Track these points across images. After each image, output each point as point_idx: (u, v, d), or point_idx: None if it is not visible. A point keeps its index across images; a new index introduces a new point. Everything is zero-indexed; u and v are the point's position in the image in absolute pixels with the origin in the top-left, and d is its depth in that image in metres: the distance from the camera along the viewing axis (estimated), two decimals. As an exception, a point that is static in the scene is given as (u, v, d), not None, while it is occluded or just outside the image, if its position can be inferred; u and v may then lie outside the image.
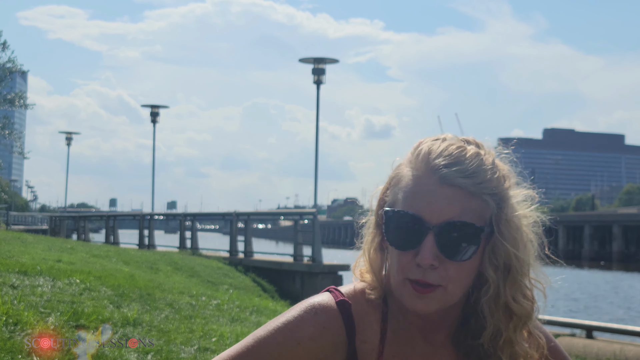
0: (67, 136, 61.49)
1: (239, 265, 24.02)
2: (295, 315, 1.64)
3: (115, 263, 16.30)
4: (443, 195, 1.55)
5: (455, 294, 1.58)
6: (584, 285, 40.15)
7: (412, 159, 1.63)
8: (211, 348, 6.81)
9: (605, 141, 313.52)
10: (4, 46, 42.62)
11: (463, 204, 1.55)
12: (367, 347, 1.65)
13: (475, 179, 1.57)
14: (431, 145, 1.62)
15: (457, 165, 1.57)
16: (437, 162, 1.57)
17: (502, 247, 1.59)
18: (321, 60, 31.95)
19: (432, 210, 1.55)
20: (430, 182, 1.56)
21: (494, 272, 1.60)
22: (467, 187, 1.55)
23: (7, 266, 9.71)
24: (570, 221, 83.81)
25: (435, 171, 1.56)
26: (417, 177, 1.59)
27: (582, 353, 12.84)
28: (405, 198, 1.59)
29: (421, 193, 1.57)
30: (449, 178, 1.55)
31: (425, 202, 1.56)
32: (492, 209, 1.58)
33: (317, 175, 31.09)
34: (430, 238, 1.54)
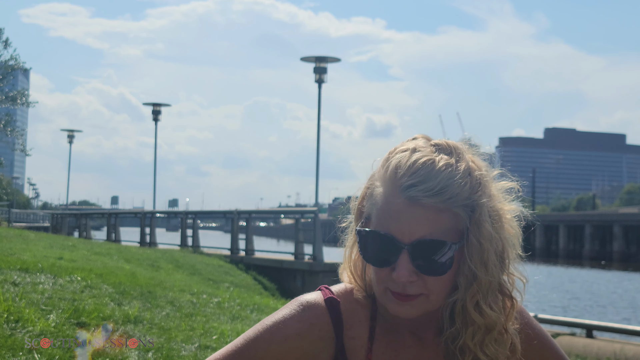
0: (69, 134, 61.48)
1: (240, 264, 24.02)
2: (283, 313, 1.68)
3: (117, 261, 16.32)
4: (411, 215, 1.55)
5: (437, 301, 1.60)
6: (585, 285, 40.14)
7: (382, 174, 1.62)
8: (212, 346, 6.81)
9: (606, 141, 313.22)
10: (5, 44, 42.66)
11: (432, 222, 1.55)
12: (356, 343, 1.67)
13: (444, 195, 1.55)
14: (400, 160, 1.60)
15: (424, 183, 1.55)
16: (402, 181, 1.56)
17: (470, 256, 1.58)
18: (323, 59, 31.92)
19: (403, 230, 1.56)
20: (398, 202, 1.56)
21: (463, 280, 1.60)
22: (435, 205, 1.55)
23: (8, 263, 9.73)
24: (571, 221, 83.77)
25: (402, 191, 1.56)
26: (386, 195, 1.59)
27: (582, 352, 12.84)
28: (377, 216, 1.61)
29: (390, 212, 1.57)
30: (415, 199, 1.54)
31: (396, 222, 1.56)
32: (464, 219, 1.58)
33: (318, 174, 31.09)
34: (404, 256, 1.55)
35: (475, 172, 1.61)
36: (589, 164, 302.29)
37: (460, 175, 1.57)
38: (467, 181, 1.58)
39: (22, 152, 46.63)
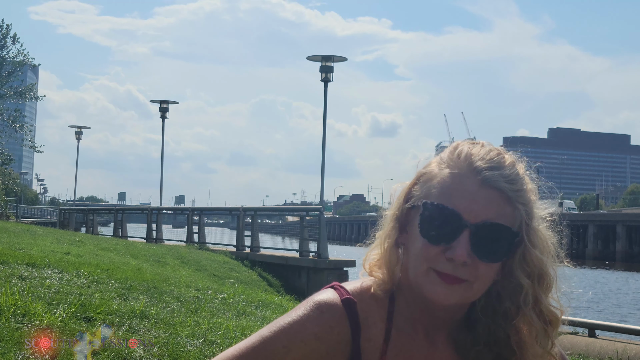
0: (77, 130, 61.43)
1: (245, 260, 24.04)
2: (300, 314, 1.63)
3: (123, 256, 16.37)
4: (483, 196, 1.58)
5: (478, 293, 1.61)
6: (587, 284, 40.06)
7: (452, 159, 1.64)
8: (217, 341, 6.84)
9: (610, 141, 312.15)
10: (14, 39, 42.71)
11: (501, 207, 1.58)
12: (371, 345, 1.65)
13: (514, 185, 1.60)
14: (472, 148, 1.65)
15: (499, 169, 1.60)
16: (480, 164, 1.60)
17: (535, 255, 1.62)
18: (329, 58, 31.83)
19: (472, 209, 1.57)
20: (471, 182, 1.59)
21: (529, 279, 1.63)
22: (506, 192, 1.59)
23: (16, 258, 9.78)
24: (575, 220, 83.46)
25: (478, 172, 1.59)
26: (458, 175, 1.61)
27: (585, 352, 12.83)
28: (443, 194, 1.60)
29: (461, 191, 1.59)
30: (491, 180, 1.58)
31: (465, 200, 1.58)
32: (522, 217, 1.61)
33: (323, 172, 31.06)
34: (465, 236, 1.56)
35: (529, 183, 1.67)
36: (592, 165, 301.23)
37: (522, 176, 1.65)
38: (528, 182, 1.65)
39: (31, 148, 46.69)
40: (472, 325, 1.70)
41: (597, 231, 79.25)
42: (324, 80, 31.68)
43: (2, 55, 42.18)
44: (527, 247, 1.62)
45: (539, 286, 1.65)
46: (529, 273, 1.63)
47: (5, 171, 44.10)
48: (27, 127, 44.62)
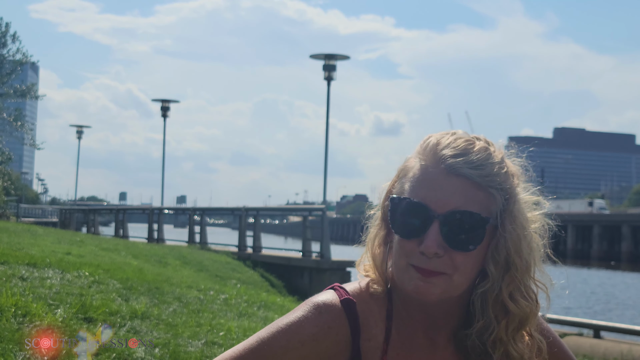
0: (78, 129, 61.57)
1: (248, 260, 24.04)
2: (299, 315, 1.63)
3: (124, 256, 16.34)
4: (449, 185, 1.55)
5: (460, 284, 1.57)
6: (592, 285, 40.05)
7: (420, 150, 1.63)
8: (218, 342, 6.82)
9: (615, 141, 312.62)
10: (13, 37, 42.77)
11: (469, 194, 1.55)
12: (371, 345, 1.64)
13: (482, 170, 1.56)
14: (440, 138, 1.62)
15: (464, 156, 1.56)
16: (444, 152, 1.57)
17: (505, 242, 1.58)
18: (332, 56, 31.84)
19: (438, 199, 1.55)
20: (436, 172, 1.57)
21: (494, 268, 1.59)
22: (473, 178, 1.55)
23: (16, 258, 9.75)
24: (580, 221, 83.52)
25: (442, 161, 1.57)
26: (425, 166, 1.59)
27: (590, 353, 12.82)
28: (412, 187, 1.59)
29: (427, 182, 1.57)
30: (455, 168, 1.55)
31: (431, 191, 1.56)
32: (498, 203, 1.58)
33: (326, 172, 31.08)
34: (435, 227, 1.54)
35: (511, 167, 1.64)
36: (598, 164, 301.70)
37: (498, 160, 1.60)
38: (504, 167, 1.61)
39: (32, 147, 46.76)
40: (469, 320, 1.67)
41: (602, 231, 79.33)
42: (326, 78, 31.70)
43: (1, 54, 42.26)
44: (500, 233, 1.59)
45: (503, 276, 1.60)
46: (497, 261, 1.59)
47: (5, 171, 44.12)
48: (27, 125, 44.67)
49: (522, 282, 1.61)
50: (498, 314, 1.61)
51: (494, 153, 1.61)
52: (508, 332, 1.62)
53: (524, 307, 1.61)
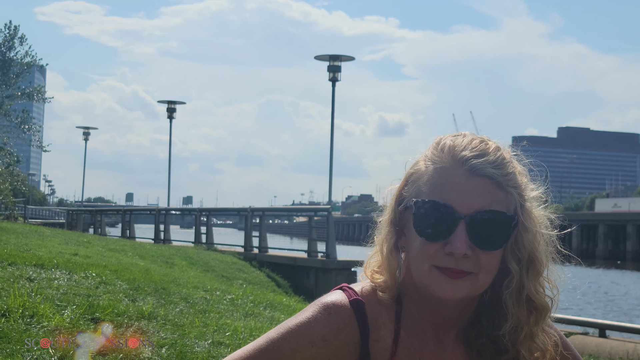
0: (85, 131, 61.58)
1: (254, 261, 24.04)
2: (308, 316, 1.62)
3: (131, 257, 16.37)
4: (473, 186, 1.56)
5: (484, 284, 1.59)
6: (598, 284, 39.98)
7: (436, 154, 1.63)
8: (225, 342, 6.83)
9: (620, 140, 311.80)
10: (21, 40, 42.83)
11: (492, 194, 1.57)
12: (380, 346, 1.64)
13: (502, 170, 1.58)
14: (454, 140, 1.63)
15: (484, 156, 1.58)
16: (464, 154, 1.59)
17: (526, 239, 1.60)
18: (337, 57, 31.77)
19: (463, 200, 1.55)
20: (459, 174, 1.57)
21: (517, 265, 1.61)
22: (495, 178, 1.57)
23: (24, 259, 9.78)
24: (585, 220, 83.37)
25: (463, 162, 1.58)
26: (444, 169, 1.59)
27: (595, 352, 12.80)
28: (433, 190, 1.59)
29: (450, 184, 1.57)
30: (478, 168, 1.57)
31: (456, 193, 1.56)
32: (516, 201, 1.60)
33: (331, 172, 31.04)
34: (462, 227, 1.55)
35: (518, 166, 1.66)
36: (602, 164, 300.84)
37: (509, 160, 1.63)
38: (515, 166, 1.64)
39: (39, 148, 46.80)
40: (479, 318, 1.68)
41: (608, 231, 79.09)
42: (331, 79, 31.64)
43: (10, 57, 42.30)
44: (520, 230, 1.61)
45: (528, 271, 1.63)
46: (519, 258, 1.62)
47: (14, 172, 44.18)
48: (35, 127, 44.71)
49: (541, 276, 1.65)
50: (527, 310, 1.63)
51: (505, 153, 1.63)
52: (537, 326, 1.65)
53: (547, 300, 1.65)
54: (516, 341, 1.64)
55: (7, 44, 42.22)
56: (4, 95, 42.23)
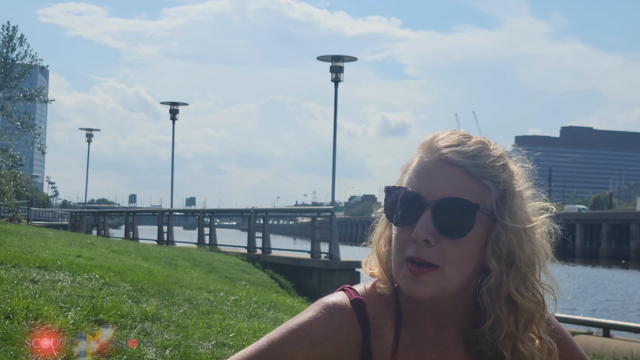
0: (88, 133, 61.63)
1: (257, 262, 24.06)
2: (309, 316, 1.63)
3: (135, 259, 16.38)
4: (442, 173, 1.58)
5: (453, 278, 1.57)
6: (601, 284, 39.95)
7: (419, 145, 1.67)
8: (229, 343, 6.84)
9: (623, 139, 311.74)
10: (21, 41, 42.84)
11: (461, 182, 1.57)
12: (381, 344, 1.65)
13: (475, 160, 1.58)
14: (439, 133, 1.66)
15: (459, 146, 1.60)
16: (439, 144, 1.61)
17: (506, 236, 1.58)
18: (339, 58, 31.76)
19: (431, 187, 1.57)
20: (431, 162, 1.60)
21: (497, 262, 1.59)
22: (465, 167, 1.57)
23: (27, 261, 9.79)
24: (588, 219, 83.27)
25: (436, 151, 1.60)
26: (421, 158, 1.62)
27: (599, 352, 12.80)
28: (409, 178, 1.62)
29: (422, 172, 1.60)
30: (448, 157, 1.58)
31: (425, 180, 1.58)
32: (494, 196, 1.59)
33: (334, 173, 31.03)
34: (427, 214, 1.55)
35: (511, 165, 1.66)
36: (605, 163, 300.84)
37: (496, 156, 1.62)
38: (503, 162, 1.63)
39: (39, 150, 46.88)
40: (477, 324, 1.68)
41: (611, 230, 79.00)
42: (334, 80, 31.64)
43: (10, 58, 42.33)
44: (499, 227, 1.59)
45: (509, 270, 1.60)
46: (498, 255, 1.60)
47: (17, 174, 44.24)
48: (36, 129, 44.73)
49: (526, 277, 1.61)
50: (506, 309, 1.61)
51: (492, 148, 1.63)
52: (518, 327, 1.62)
53: (532, 301, 1.62)
54: (497, 341, 1.63)
55: (7, 45, 42.23)
56: (6, 97, 42.26)
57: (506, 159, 1.65)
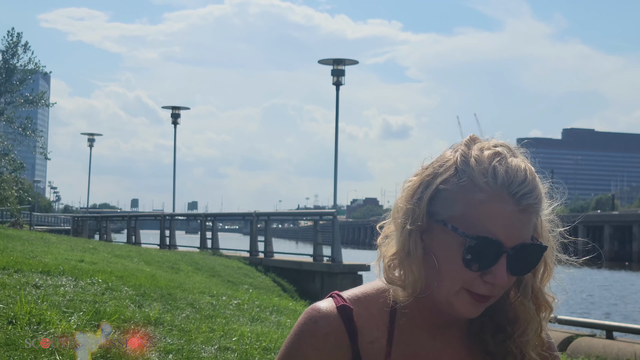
0: (89, 137, 61.67)
1: (259, 265, 24.07)
2: (297, 330, 1.66)
3: (137, 263, 16.40)
4: (521, 222, 1.56)
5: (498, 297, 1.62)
6: (604, 286, 39.91)
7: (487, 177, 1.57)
8: (232, 347, 6.84)
9: (625, 141, 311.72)
10: (25, 48, 42.88)
11: (531, 226, 1.59)
12: (374, 347, 1.65)
13: (543, 204, 1.61)
14: (506, 168, 1.57)
15: (533, 192, 1.57)
16: (518, 190, 1.55)
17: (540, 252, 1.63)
18: (341, 61, 31.79)
19: (510, 235, 1.55)
20: (510, 210, 1.55)
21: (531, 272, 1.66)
22: (537, 212, 1.59)
23: (30, 266, 9.80)
24: (590, 221, 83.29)
25: (517, 201, 1.55)
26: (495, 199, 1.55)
27: (602, 354, 12.78)
28: (480, 219, 1.55)
29: (501, 218, 1.54)
30: (530, 207, 1.56)
31: (504, 227, 1.54)
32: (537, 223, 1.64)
33: (336, 176, 31.04)
34: (503, 260, 1.55)
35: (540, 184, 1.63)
36: (607, 165, 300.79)
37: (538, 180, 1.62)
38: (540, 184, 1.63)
39: (42, 155, 46.91)
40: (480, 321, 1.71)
41: (613, 232, 78.99)
42: (335, 83, 31.67)
43: (13, 64, 42.35)
44: None
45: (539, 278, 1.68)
46: None
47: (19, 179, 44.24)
48: (37, 133, 44.77)
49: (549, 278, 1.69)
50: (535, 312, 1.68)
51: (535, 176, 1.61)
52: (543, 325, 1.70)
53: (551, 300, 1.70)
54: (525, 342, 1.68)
55: (10, 51, 42.28)
56: (7, 102, 42.29)
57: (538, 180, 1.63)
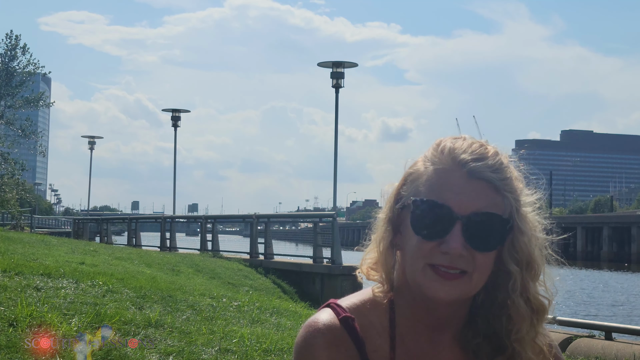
0: (90, 140, 61.62)
1: (259, 267, 24.08)
2: (304, 345, 1.65)
3: (137, 265, 16.41)
4: (471, 188, 1.59)
5: (477, 284, 1.61)
6: (603, 287, 39.92)
7: (436, 155, 1.65)
8: (232, 349, 6.85)
9: (623, 142, 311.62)
10: (23, 50, 42.91)
11: (489, 197, 1.59)
12: (378, 355, 1.66)
13: (500, 174, 1.61)
14: (454, 142, 1.66)
15: (483, 160, 1.61)
16: (464, 156, 1.61)
17: (523, 242, 1.63)
18: (340, 64, 31.80)
19: (461, 201, 1.58)
20: (457, 175, 1.60)
21: (517, 266, 1.64)
22: (493, 182, 1.60)
23: (31, 268, 9.82)
24: (589, 223, 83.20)
25: (463, 165, 1.60)
26: (444, 170, 1.62)
27: (601, 354, 12.78)
28: (431, 190, 1.61)
29: (449, 185, 1.60)
30: (477, 171, 1.59)
31: (454, 194, 1.58)
32: (512, 205, 1.62)
33: (336, 178, 31.04)
34: (458, 228, 1.57)
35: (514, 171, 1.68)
36: (606, 166, 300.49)
37: (507, 165, 1.66)
38: (512, 171, 1.66)
39: (41, 154, 46.99)
40: (473, 319, 1.71)
41: (612, 233, 78.92)
42: (334, 86, 31.67)
43: (12, 66, 42.38)
44: (516, 234, 1.64)
45: (527, 273, 1.66)
46: (517, 260, 1.65)
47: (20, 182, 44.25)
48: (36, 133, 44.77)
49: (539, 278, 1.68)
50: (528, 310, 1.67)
51: (503, 157, 1.66)
52: (538, 327, 1.69)
53: (545, 302, 1.69)
54: (519, 341, 1.68)
55: (9, 54, 42.31)
56: (7, 105, 42.30)
57: (510, 166, 1.68)
